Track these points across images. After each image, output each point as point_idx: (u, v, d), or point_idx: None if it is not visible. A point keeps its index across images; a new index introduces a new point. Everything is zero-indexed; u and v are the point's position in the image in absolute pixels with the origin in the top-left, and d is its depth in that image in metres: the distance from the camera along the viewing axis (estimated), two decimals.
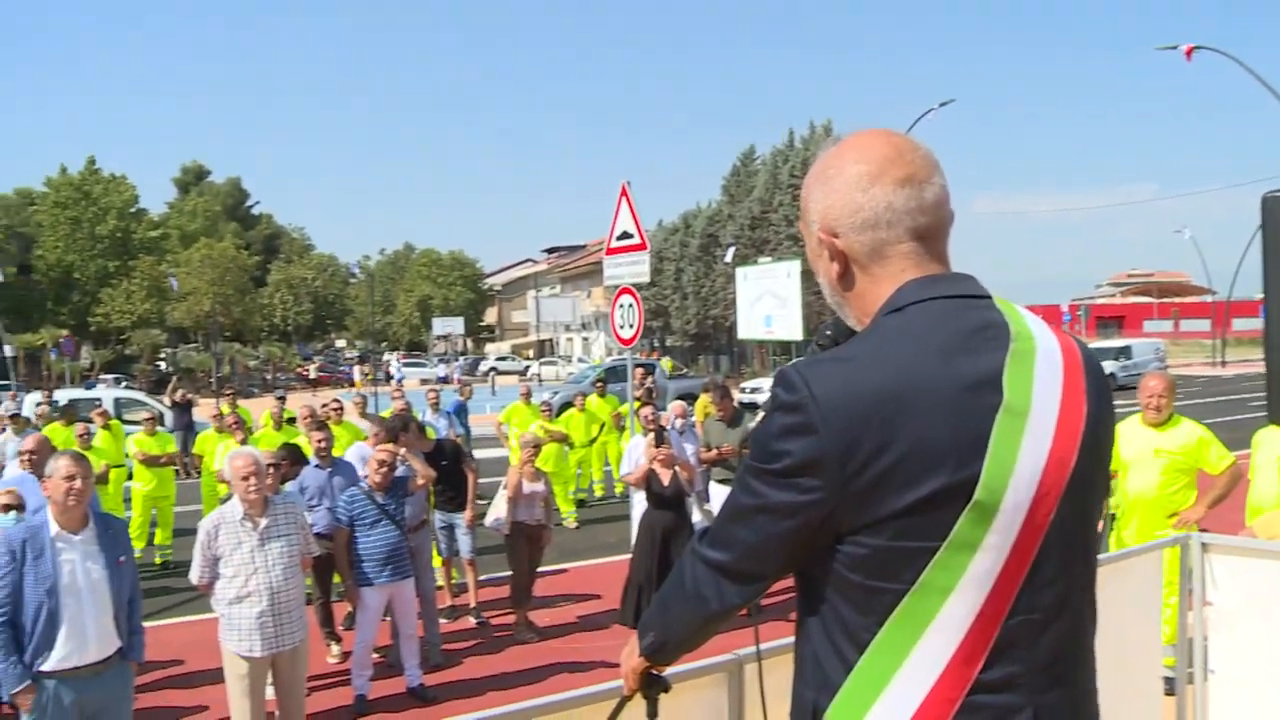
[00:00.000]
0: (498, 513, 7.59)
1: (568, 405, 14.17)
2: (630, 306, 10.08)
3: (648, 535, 7.11)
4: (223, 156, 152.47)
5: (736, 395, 10.51)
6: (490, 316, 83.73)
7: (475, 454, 10.34)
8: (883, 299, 1.37)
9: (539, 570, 7.96)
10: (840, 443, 1.24)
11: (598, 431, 13.62)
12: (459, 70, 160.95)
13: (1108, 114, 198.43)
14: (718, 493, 8.39)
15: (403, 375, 41.77)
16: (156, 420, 11.64)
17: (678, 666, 1.78)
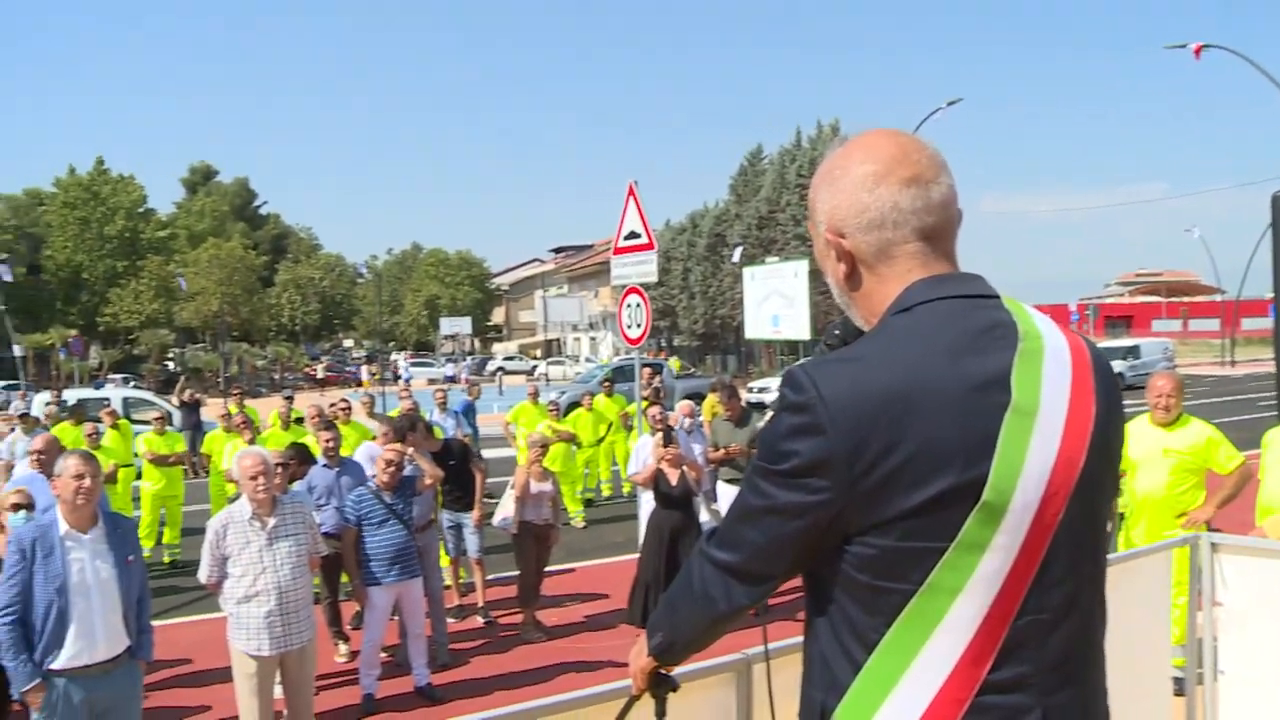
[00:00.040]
0: (505, 512, 7.61)
1: (575, 405, 14.15)
2: (638, 306, 10.06)
3: (655, 535, 7.11)
4: (226, 157, 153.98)
5: (744, 395, 10.50)
6: (498, 316, 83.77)
7: (483, 453, 10.37)
8: (890, 299, 1.37)
9: (546, 570, 7.96)
10: (848, 443, 1.23)
11: (605, 431, 13.59)
12: (459, 70, 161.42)
13: (1109, 113, 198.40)
14: (725, 492, 8.39)
15: (410, 375, 41.92)
16: (165, 420, 11.70)
17: (686, 666, 1.78)
